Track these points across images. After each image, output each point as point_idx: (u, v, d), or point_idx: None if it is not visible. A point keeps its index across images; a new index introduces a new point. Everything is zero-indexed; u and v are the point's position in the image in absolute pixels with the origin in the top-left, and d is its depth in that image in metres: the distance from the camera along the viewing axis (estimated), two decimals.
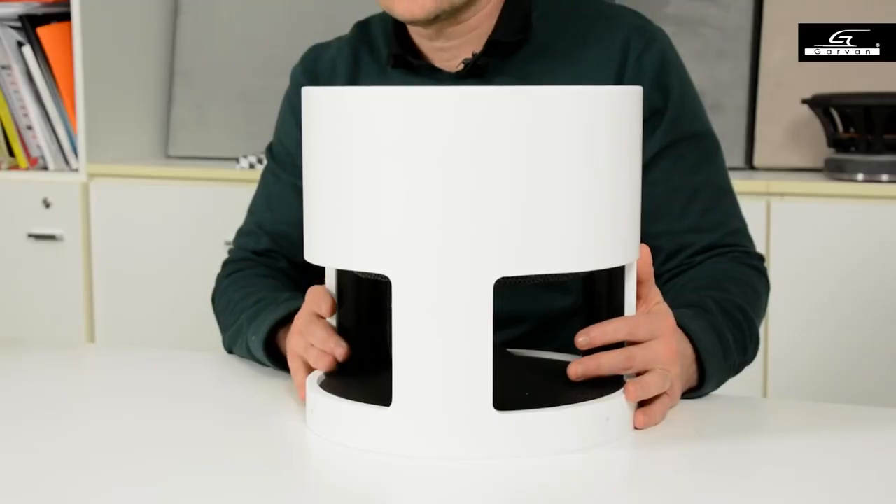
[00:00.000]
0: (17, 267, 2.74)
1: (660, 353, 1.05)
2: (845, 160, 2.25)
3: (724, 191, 1.36)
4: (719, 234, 1.33)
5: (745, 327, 1.21)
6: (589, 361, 1.04)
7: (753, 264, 1.32)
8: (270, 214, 1.43)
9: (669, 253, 1.33)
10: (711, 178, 1.35)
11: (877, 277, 2.16)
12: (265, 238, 1.43)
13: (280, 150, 1.45)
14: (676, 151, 1.33)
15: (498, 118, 0.94)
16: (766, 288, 1.33)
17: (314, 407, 1.04)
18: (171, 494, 0.91)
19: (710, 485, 0.93)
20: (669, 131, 1.33)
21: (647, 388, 1.03)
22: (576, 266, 0.97)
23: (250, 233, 1.45)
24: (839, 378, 2.19)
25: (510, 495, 0.91)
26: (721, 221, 1.33)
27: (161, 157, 2.94)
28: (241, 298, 1.33)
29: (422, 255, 0.95)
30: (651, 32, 1.35)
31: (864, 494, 0.90)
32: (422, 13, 1.29)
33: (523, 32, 1.35)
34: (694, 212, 1.32)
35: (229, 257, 1.45)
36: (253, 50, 2.87)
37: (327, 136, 1.00)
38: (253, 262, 1.42)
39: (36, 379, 1.28)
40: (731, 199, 1.36)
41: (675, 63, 1.36)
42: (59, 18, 2.74)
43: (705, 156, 1.35)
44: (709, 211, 1.33)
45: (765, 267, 1.34)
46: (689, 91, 1.37)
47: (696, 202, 1.32)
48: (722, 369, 1.16)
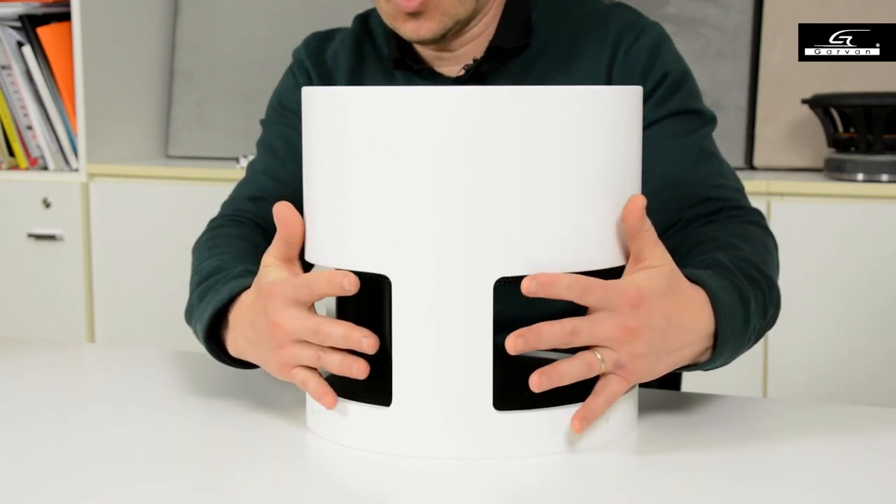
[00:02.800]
0: (17, 267, 2.74)
1: (609, 329, 0.94)
2: (845, 160, 2.25)
3: (712, 155, 1.31)
4: (705, 186, 1.26)
5: (764, 286, 1.10)
6: (528, 333, 0.92)
7: (754, 220, 1.24)
8: (277, 160, 1.37)
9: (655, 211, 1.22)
10: (699, 142, 1.31)
11: (877, 277, 2.16)
12: (270, 182, 1.35)
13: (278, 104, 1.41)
14: (666, 122, 1.30)
15: (497, 118, 0.94)
16: (774, 244, 1.22)
17: (314, 407, 1.04)
18: (171, 494, 0.91)
19: (710, 485, 0.93)
20: (660, 106, 1.30)
21: (558, 377, 0.93)
22: (576, 266, 0.97)
23: (252, 181, 1.38)
24: (839, 378, 2.19)
25: (510, 495, 0.91)
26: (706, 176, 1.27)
27: (161, 157, 2.94)
28: (203, 261, 1.22)
29: (421, 255, 0.95)
30: (642, 26, 1.34)
31: (864, 494, 0.90)
32: (429, 34, 1.29)
33: (524, 37, 1.35)
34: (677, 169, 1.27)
35: (220, 211, 1.38)
36: (253, 50, 2.87)
37: (327, 136, 1.00)
38: (244, 212, 1.34)
39: (36, 379, 1.28)
40: (721, 163, 1.31)
41: (668, 50, 1.34)
42: (59, 18, 2.74)
43: (695, 126, 1.31)
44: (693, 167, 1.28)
45: (766, 223, 1.25)
46: (685, 76, 1.34)
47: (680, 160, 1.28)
48: (738, 342, 1.04)
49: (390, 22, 1.31)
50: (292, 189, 1.30)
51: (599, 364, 0.96)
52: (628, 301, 0.95)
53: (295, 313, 1.00)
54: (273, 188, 1.35)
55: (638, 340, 0.96)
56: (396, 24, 1.30)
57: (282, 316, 1.01)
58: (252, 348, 1.07)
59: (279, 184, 1.35)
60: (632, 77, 1.31)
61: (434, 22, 1.28)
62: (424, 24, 1.28)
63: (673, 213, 1.26)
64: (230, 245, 1.25)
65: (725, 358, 1.04)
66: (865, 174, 2.22)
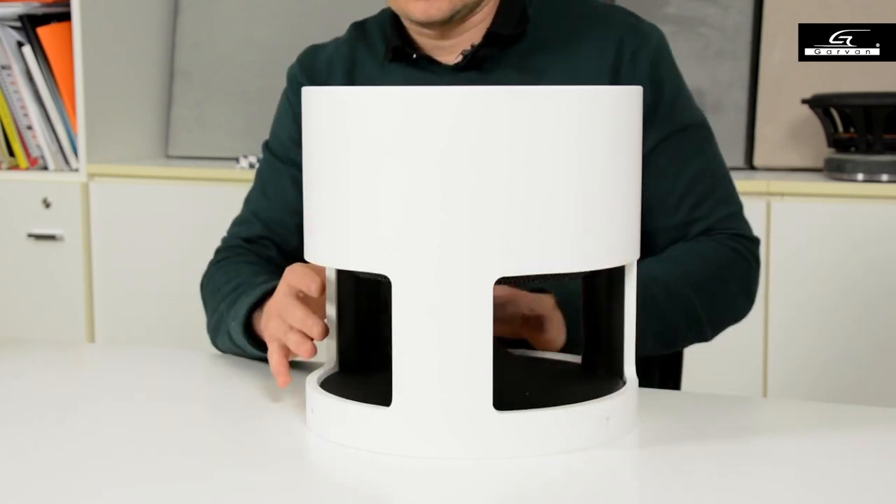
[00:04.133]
0: (17, 267, 2.74)
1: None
2: (845, 160, 2.25)
3: (718, 177, 1.38)
4: (712, 220, 1.35)
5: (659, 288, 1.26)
6: None
7: (733, 246, 1.34)
8: (266, 202, 1.44)
9: (663, 247, 1.35)
10: (706, 167, 1.37)
11: (877, 277, 2.16)
12: (258, 225, 1.43)
13: (276, 144, 1.46)
14: (670, 145, 1.35)
15: (497, 118, 0.94)
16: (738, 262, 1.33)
17: (314, 407, 1.04)
18: (171, 494, 0.91)
19: (710, 485, 0.93)
20: (663, 126, 1.35)
21: None
22: (576, 266, 0.97)
23: (244, 221, 1.45)
24: (839, 378, 2.19)
25: (510, 495, 0.91)
26: (713, 210, 1.35)
27: (161, 157, 2.94)
28: (224, 284, 1.34)
29: (421, 255, 0.95)
30: (644, 31, 1.37)
31: (864, 494, 0.90)
32: (439, 14, 1.30)
33: (521, 25, 1.37)
34: (687, 204, 1.35)
35: (221, 245, 1.46)
36: (253, 50, 2.87)
37: (327, 136, 1.00)
38: (243, 249, 1.42)
39: (36, 379, 1.28)
40: (726, 185, 1.38)
41: (667, 59, 1.38)
42: (59, 18, 2.74)
43: (698, 145, 1.37)
44: (702, 200, 1.35)
45: (752, 248, 1.36)
46: (681, 85, 1.39)
47: (690, 195, 1.35)
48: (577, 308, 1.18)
49: (399, 5, 1.32)
50: (278, 232, 1.43)
51: None
52: None
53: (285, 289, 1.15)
54: (261, 231, 1.44)
55: None
56: (407, 6, 1.31)
57: (278, 289, 1.16)
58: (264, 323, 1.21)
59: (266, 227, 1.44)
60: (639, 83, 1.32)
61: (445, 2, 1.30)
62: (435, 4, 1.30)
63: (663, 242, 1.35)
64: (242, 269, 1.36)
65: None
66: (865, 174, 2.22)
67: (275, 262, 1.41)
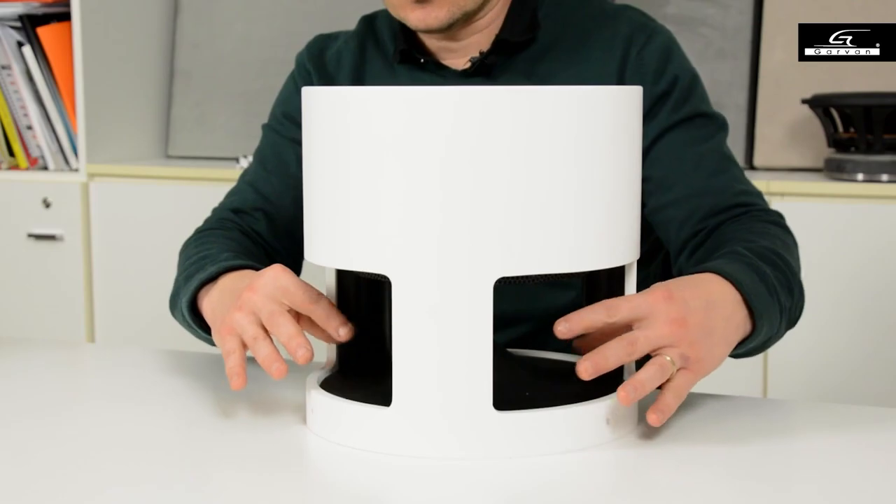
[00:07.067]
0: (17, 267, 2.74)
1: (661, 329, 0.99)
2: (845, 160, 2.25)
3: (731, 160, 1.33)
4: (728, 194, 1.29)
5: (783, 268, 1.14)
6: (595, 356, 0.97)
7: (774, 220, 1.27)
8: (265, 173, 1.40)
9: (681, 220, 1.29)
10: (717, 148, 1.33)
11: (877, 277, 2.16)
12: (253, 195, 1.39)
13: (278, 123, 1.43)
14: (682, 127, 1.32)
15: (497, 118, 0.94)
16: (794, 241, 1.26)
17: (314, 407, 1.04)
18: (171, 494, 0.91)
19: (710, 485, 0.93)
20: (675, 111, 1.32)
21: (641, 387, 0.97)
22: (576, 266, 0.97)
23: (238, 192, 1.41)
24: (839, 378, 2.19)
25: (510, 495, 0.91)
26: (728, 184, 1.30)
27: (161, 157, 2.94)
28: (191, 255, 1.27)
29: (421, 255, 0.95)
30: (653, 28, 1.35)
31: (864, 494, 0.90)
32: (436, 23, 1.29)
33: (531, 31, 1.35)
34: (700, 176, 1.30)
35: (208, 216, 1.41)
36: (253, 50, 2.87)
37: (327, 136, 1.00)
38: (229, 221, 1.37)
39: (36, 379, 1.28)
40: (739, 169, 1.34)
41: (678, 54, 1.35)
42: (59, 18, 2.74)
43: (711, 132, 1.33)
44: (715, 175, 1.30)
45: (787, 224, 1.28)
46: (695, 80, 1.35)
47: (701, 167, 1.30)
48: (770, 308, 1.09)
49: (397, 12, 1.31)
50: (274, 203, 1.38)
51: (670, 364, 1.00)
52: (661, 299, 1.00)
53: (273, 292, 1.04)
54: (255, 201, 1.39)
55: (689, 327, 1.01)
56: (404, 13, 1.30)
57: (263, 286, 1.05)
58: (218, 304, 1.13)
59: (261, 198, 1.39)
60: (644, 79, 1.31)
61: (442, 10, 1.28)
62: (432, 13, 1.28)
63: (699, 222, 1.28)
64: (216, 242, 1.29)
65: (767, 330, 1.09)
66: (865, 174, 2.22)
67: (260, 235, 1.37)
